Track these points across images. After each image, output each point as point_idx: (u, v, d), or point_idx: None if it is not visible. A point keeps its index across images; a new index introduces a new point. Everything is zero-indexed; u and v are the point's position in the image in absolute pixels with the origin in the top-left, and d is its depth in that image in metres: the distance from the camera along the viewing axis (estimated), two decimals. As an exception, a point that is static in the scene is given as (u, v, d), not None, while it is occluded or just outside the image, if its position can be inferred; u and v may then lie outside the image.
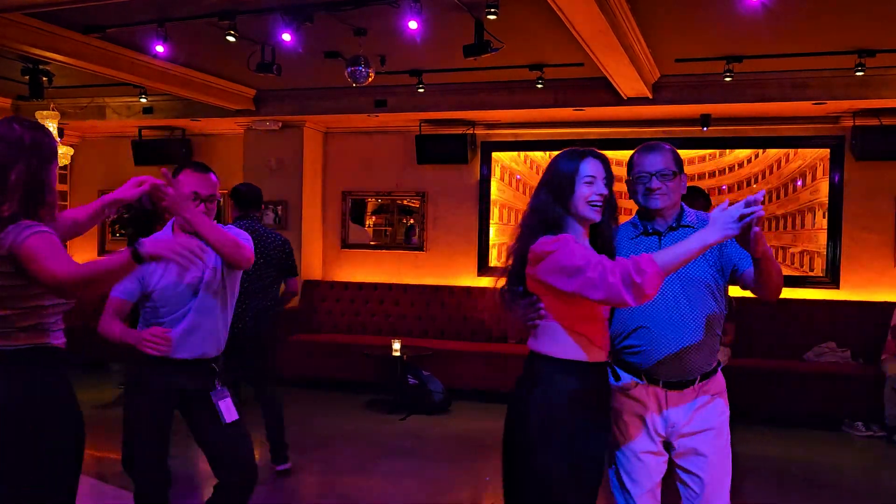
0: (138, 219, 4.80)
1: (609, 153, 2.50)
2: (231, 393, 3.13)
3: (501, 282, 2.46)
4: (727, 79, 6.05)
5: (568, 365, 2.33)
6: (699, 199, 4.84)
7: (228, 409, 3.06)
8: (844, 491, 4.88)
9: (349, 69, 5.69)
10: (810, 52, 5.75)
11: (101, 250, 9.06)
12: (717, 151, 7.41)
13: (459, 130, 7.95)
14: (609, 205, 2.38)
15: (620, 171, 2.60)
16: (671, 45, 5.72)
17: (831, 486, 4.92)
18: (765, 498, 4.59)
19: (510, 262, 2.42)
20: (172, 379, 3.02)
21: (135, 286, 3.01)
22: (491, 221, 8.05)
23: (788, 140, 7.24)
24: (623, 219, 2.67)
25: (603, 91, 6.69)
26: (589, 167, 2.34)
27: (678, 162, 2.65)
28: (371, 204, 8.65)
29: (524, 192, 7.92)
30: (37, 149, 2.25)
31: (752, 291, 2.52)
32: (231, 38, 5.21)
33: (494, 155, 8.03)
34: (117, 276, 2.29)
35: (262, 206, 5.33)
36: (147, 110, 8.18)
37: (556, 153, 2.45)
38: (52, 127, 7.31)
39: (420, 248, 8.31)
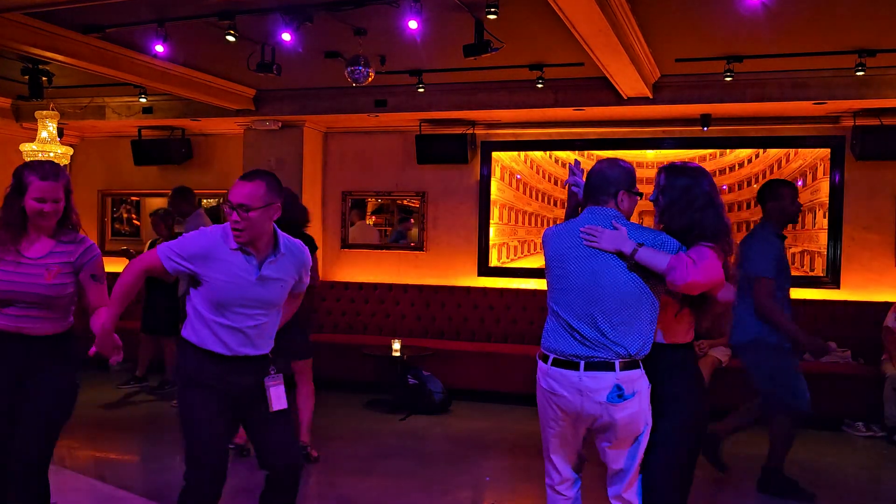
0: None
1: (609, 153, 2.51)
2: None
3: None
4: (727, 78, 6.05)
5: None
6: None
7: (279, 397, 3.15)
8: (845, 491, 4.87)
9: (349, 69, 5.69)
10: (810, 52, 5.75)
11: (102, 251, 9.04)
12: (718, 151, 7.40)
13: (459, 130, 7.94)
14: None
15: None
16: (671, 45, 5.72)
17: (832, 486, 4.91)
18: (765, 498, 4.58)
19: None
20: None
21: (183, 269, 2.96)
22: (491, 221, 8.04)
23: (789, 140, 7.24)
24: None
25: (603, 91, 6.68)
26: None
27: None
28: (371, 204, 8.64)
29: (524, 192, 7.91)
30: None
31: None
32: (231, 38, 5.21)
33: (494, 155, 8.02)
34: None
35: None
36: (147, 110, 8.18)
37: (556, 153, 2.48)
38: (52, 127, 7.31)
39: (420, 248, 8.31)
